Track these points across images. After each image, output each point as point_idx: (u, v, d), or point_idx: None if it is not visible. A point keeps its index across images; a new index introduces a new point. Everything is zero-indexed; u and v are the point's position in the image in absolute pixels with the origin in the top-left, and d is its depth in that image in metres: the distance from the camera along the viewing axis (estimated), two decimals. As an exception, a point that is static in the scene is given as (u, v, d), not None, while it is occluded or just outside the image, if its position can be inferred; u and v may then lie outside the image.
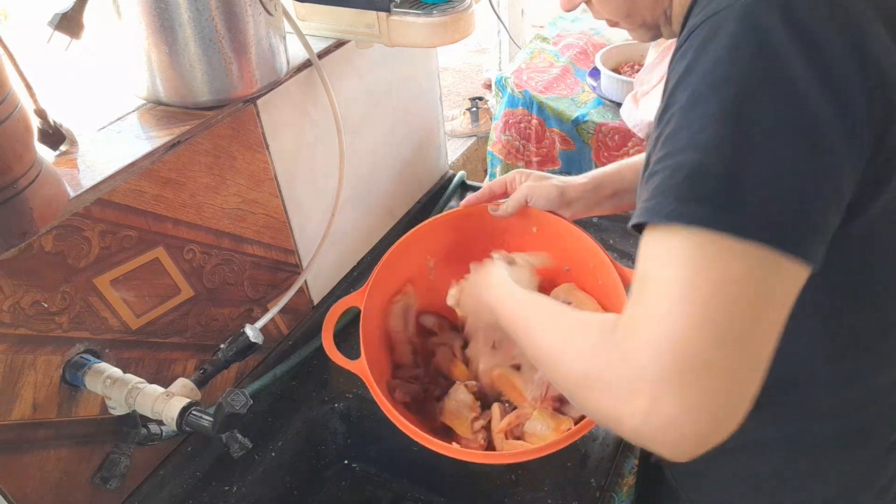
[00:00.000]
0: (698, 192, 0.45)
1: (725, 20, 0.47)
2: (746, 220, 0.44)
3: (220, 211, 0.87)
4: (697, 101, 0.47)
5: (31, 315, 0.69)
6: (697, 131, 0.46)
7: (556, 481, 0.87)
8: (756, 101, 0.45)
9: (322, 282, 1.13)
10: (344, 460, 1.05)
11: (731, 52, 0.46)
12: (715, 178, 0.45)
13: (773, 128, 0.45)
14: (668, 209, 0.46)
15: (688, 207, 0.45)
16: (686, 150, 0.46)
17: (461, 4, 0.93)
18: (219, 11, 0.76)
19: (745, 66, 0.46)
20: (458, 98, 3.32)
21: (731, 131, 0.45)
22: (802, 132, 0.45)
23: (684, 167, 0.46)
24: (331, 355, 0.87)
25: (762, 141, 0.45)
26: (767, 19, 0.46)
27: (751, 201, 0.44)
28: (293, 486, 0.98)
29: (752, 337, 0.44)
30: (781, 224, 0.44)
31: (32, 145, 0.57)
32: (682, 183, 0.46)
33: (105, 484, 0.78)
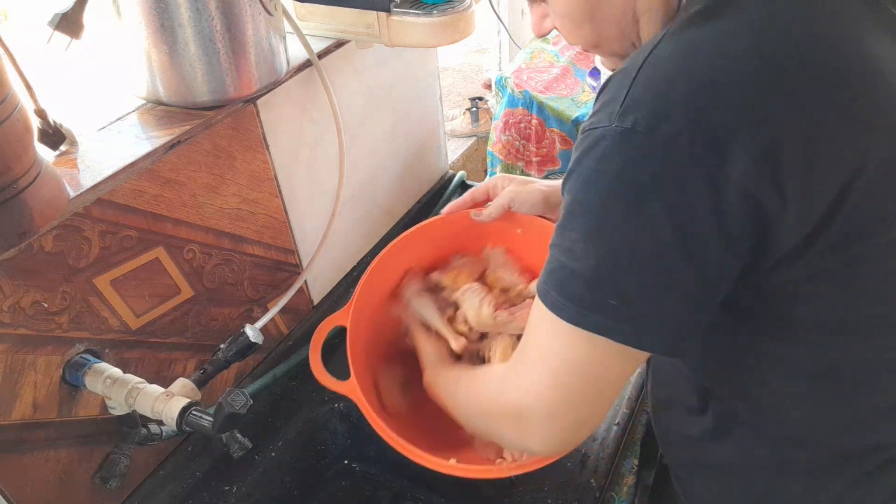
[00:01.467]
0: (572, 293, 0.56)
1: (599, 141, 0.53)
2: (600, 321, 0.55)
3: (220, 211, 0.87)
4: (573, 213, 0.56)
5: (31, 315, 0.69)
6: (573, 240, 0.56)
7: (555, 481, 0.87)
8: (609, 226, 0.54)
9: (322, 282, 1.13)
10: (344, 460, 1.05)
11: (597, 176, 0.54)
12: (582, 285, 0.56)
13: (621, 250, 0.54)
14: (551, 299, 0.58)
15: (563, 304, 0.57)
16: (565, 253, 0.57)
17: (461, 4, 0.92)
18: (218, 11, 0.76)
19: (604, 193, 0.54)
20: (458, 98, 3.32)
21: (594, 250, 0.55)
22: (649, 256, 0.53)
23: (564, 268, 0.57)
24: (319, 378, 0.87)
25: (617, 263, 0.54)
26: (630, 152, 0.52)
27: (607, 309, 0.55)
28: (293, 486, 0.98)
29: (589, 399, 0.60)
30: (628, 326, 0.55)
31: (32, 145, 0.57)
32: (561, 281, 0.57)
33: (105, 484, 0.78)
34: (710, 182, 0.50)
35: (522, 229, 0.96)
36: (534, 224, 0.94)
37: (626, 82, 0.53)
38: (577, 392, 0.59)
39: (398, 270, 0.98)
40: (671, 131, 0.50)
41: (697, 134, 0.50)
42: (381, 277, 0.95)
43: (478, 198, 0.97)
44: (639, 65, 0.53)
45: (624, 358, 0.58)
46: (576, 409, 0.60)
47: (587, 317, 0.55)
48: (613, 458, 0.90)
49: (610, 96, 0.54)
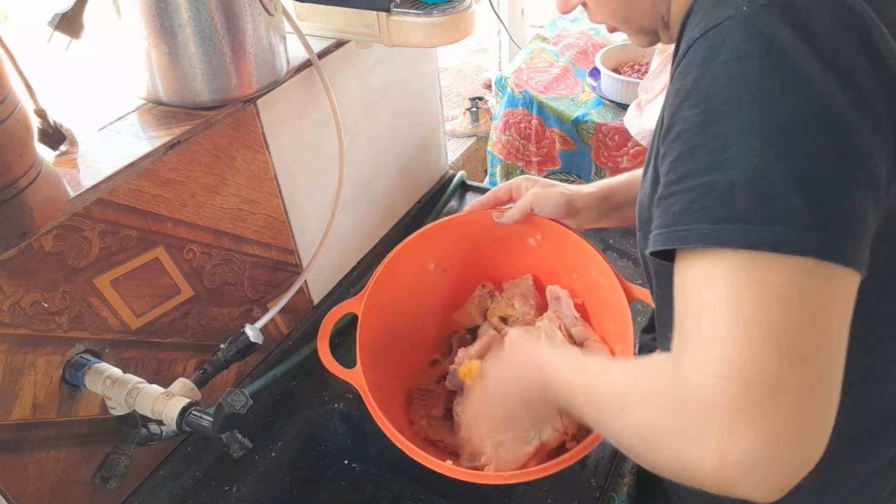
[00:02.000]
0: (733, 211, 0.43)
1: (730, 30, 0.46)
2: (788, 235, 0.42)
3: (220, 211, 0.87)
4: (712, 119, 0.46)
5: (31, 315, 0.69)
6: (720, 149, 0.45)
7: (555, 481, 0.87)
8: (776, 111, 0.44)
9: (322, 282, 1.13)
10: (344, 460, 1.05)
11: (742, 65, 0.45)
12: (748, 195, 0.43)
13: (798, 137, 0.43)
14: (703, 233, 0.44)
15: (725, 229, 0.43)
16: (710, 170, 0.45)
17: (461, 4, 0.92)
18: (218, 11, 0.76)
19: (758, 77, 0.44)
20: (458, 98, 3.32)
21: (756, 146, 0.43)
22: (829, 135, 0.43)
23: (713, 187, 0.44)
24: (326, 364, 0.86)
25: (790, 151, 0.43)
26: (772, 26, 0.45)
27: (789, 215, 0.42)
28: (293, 486, 0.98)
29: (819, 350, 0.42)
30: (824, 234, 0.42)
31: (32, 145, 0.57)
32: (713, 204, 0.44)
33: (105, 484, 0.78)
34: (864, 46, 0.45)
35: (542, 236, 0.96)
36: (554, 232, 0.93)
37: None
38: (792, 356, 0.40)
39: (414, 265, 0.98)
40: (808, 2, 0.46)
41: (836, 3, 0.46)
42: (397, 269, 0.94)
43: (500, 197, 0.96)
44: None
45: (831, 284, 0.42)
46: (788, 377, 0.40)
47: (770, 231, 0.42)
48: (613, 458, 0.90)
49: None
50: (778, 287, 0.42)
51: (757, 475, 0.40)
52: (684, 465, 0.43)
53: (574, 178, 1.82)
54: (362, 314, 0.88)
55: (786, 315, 0.41)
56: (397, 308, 0.97)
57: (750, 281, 0.42)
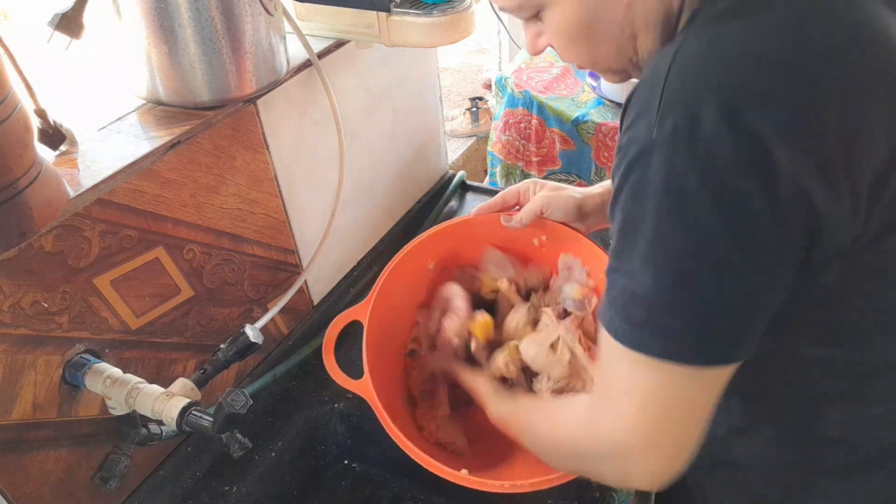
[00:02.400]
0: (633, 317, 0.54)
1: (640, 153, 0.52)
2: (665, 345, 0.53)
3: (219, 211, 0.87)
4: (626, 234, 0.54)
5: (31, 315, 0.69)
6: (630, 261, 0.54)
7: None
8: (667, 244, 0.52)
9: (322, 282, 1.13)
10: (344, 460, 1.05)
11: (647, 190, 0.52)
12: (643, 308, 0.54)
13: (680, 265, 0.52)
14: (615, 326, 0.56)
15: (628, 330, 0.55)
16: (623, 276, 0.55)
17: (461, 4, 0.92)
18: (218, 11, 0.76)
19: (657, 208, 0.51)
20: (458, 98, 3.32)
21: (650, 269, 0.53)
22: (709, 265, 0.51)
23: (624, 293, 0.55)
24: (333, 376, 0.85)
25: (673, 280, 0.52)
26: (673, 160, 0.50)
27: (669, 331, 0.53)
28: (293, 486, 0.98)
29: (682, 425, 0.57)
30: (694, 346, 0.53)
31: (32, 145, 0.57)
32: (623, 306, 0.55)
33: (105, 484, 0.78)
34: (760, 178, 0.49)
35: (550, 239, 0.95)
36: (563, 235, 0.92)
37: (657, 89, 0.52)
38: (669, 421, 0.56)
39: (419, 269, 0.97)
40: (713, 131, 0.48)
41: (740, 132, 0.48)
42: (402, 274, 0.93)
43: (509, 201, 0.95)
44: (666, 68, 0.52)
45: (703, 379, 0.55)
46: (671, 436, 0.57)
47: (653, 342, 0.54)
48: (613, 458, 0.90)
49: (641, 107, 0.53)
50: (659, 380, 0.55)
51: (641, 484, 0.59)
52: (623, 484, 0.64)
53: (574, 178, 1.82)
54: (368, 322, 0.86)
55: (670, 397, 0.55)
56: (401, 312, 0.96)
57: (647, 371, 0.55)
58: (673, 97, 0.51)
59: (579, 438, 0.63)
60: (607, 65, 0.66)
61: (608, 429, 0.58)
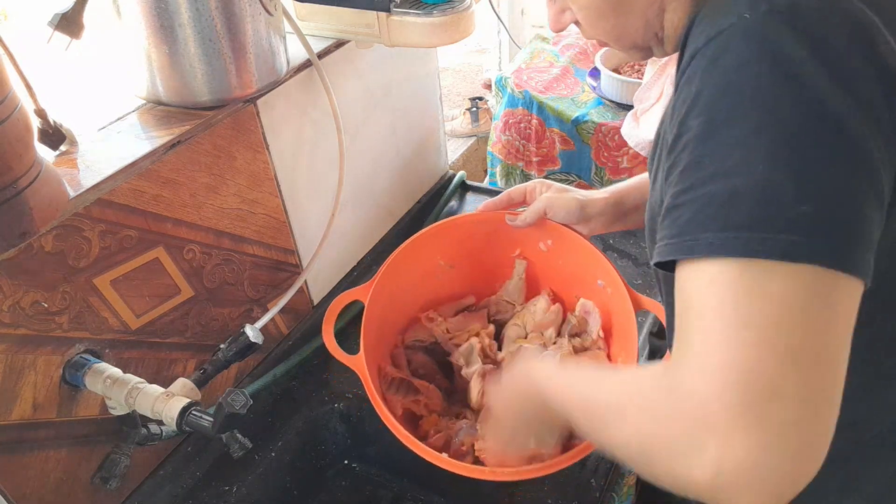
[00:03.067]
0: (737, 220, 0.43)
1: (732, 38, 0.46)
2: (793, 243, 0.41)
3: (219, 211, 0.87)
4: (717, 127, 0.45)
5: (31, 315, 0.69)
6: (723, 157, 0.44)
7: (556, 481, 0.87)
8: (780, 119, 0.43)
9: (322, 282, 1.13)
10: (344, 460, 1.05)
11: (744, 72, 0.45)
12: (752, 203, 0.43)
13: (802, 143, 0.43)
14: (707, 242, 0.44)
15: (729, 237, 0.43)
16: (715, 179, 0.45)
17: (461, 4, 0.93)
18: (218, 11, 0.76)
19: (761, 84, 0.44)
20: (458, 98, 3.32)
21: (760, 153, 0.43)
22: (834, 144, 0.43)
23: (717, 196, 0.44)
24: (330, 349, 0.86)
25: (794, 158, 0.43)
26: (776, 33, 0.45)
27: (793, 222, 0.42)
28: (293, 486, 0.98)
29: (821, 358, 0.41)
30: (829, 242, 0.42)
31: (32, 145, 0.57)
32: (717, 213, 0.44)
33: (105, 484, 0.78)
34: (870, 57, 0.45)
35: (553, 241, 0.96)
36: (565, 237, 0.93)
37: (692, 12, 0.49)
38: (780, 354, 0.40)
39: (423, 260, 0.98)
40: (815, 6, 0.46)
41: (841, 10, 0.46)
42: (406, 262, 0.94)
43: (515, 199, 0.95)
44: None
45: (835, 292, 0.42)
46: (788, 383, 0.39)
47: (774, 239, 0.41)
48: (614, 459, 0.90)
49: (721, 7, 0.48)
50: (779, 295, 0.41)
51: (752, 486, 0.39)
52: (680, 476, 0.42)
53: (574, 177, 1.82)
54: (369, 303, 0.88)
55: (786, 321, 0.41)
56: (403, 301, 0.97)
57: (755, 290, 0.42)
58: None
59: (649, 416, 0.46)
60: (633, 40, 0.64)
61: (694, 385, 0.42)
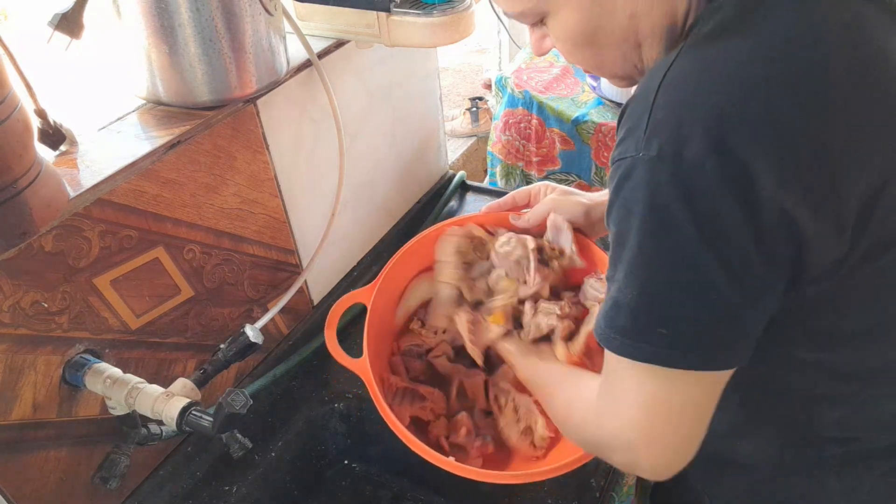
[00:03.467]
0: (617, 324, 0.57)
1: (632, 169, 0.53)
2: (651, 350, 0.55)
3: (219, 211, 0.87)
4: (617, 245, 0.57)
5: (31, 315, 0.69)
6: (616, 272, 0.57)
7: (556, 481, 0.87)
8: (648, 257, 0.54)
9: (322, 282, 1.13)
10: (344, 460, 1.05)
11: (633, 207, 0.54)
12: (625, 315, 0.56)
13: (658, 278, 0.55)
14: (601, 332, 0.59)
15: (612, 337, 0.58)
16: (613, 283, 0.58)
17: (461, 4, 0.93)
18: (218, 11, 0.76)
19: (642, 224, 0.53)
20: (458, 98, 3.32)
21: (634, 280, 0.55)
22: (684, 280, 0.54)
23: (612, 302, 0.58)
24: (333, 352, 0.86)
25: (650, 288, 0.55)
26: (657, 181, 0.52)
27: (650, 336, 0.55)
28: (293, 486, 0.98)
29: (683, 423, 0.58)
30: (690, 351, 0.55)
31: (32, 145, 0.57)
32: (608, 314, 0.58)
33: (105, 484, 0.78)
34: (743, 201, 0.50)
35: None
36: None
37: (646, 108, 0.53)
38: (670, 419, 0.58)
39: (426, 260, 0.97)
40: (697, 153, 0.50)
41: (723, 154, 0.50)
42: (409, 263, 0.94)
43: (519, 201, 0.96)
44: (655, 88, 0.53)
45: (699, 382, 0.57)
46: (673, 434, 0.59)
47: (638, 348, 0.56)
48: (613, 458, 0.90)
49: (632, 123, 0.55)
50: (655, 382, 0.57)
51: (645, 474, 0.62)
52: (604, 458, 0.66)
53: (574, 178, 1.82)
54: (371, 305, 0.88)
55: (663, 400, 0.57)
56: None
57: (640, 375, 0.57)
58: (660, 118, 0.52)
59: (589, 431, 0.66)
60: (612, 70, 0.67)
61: (613, 426, 0.61)
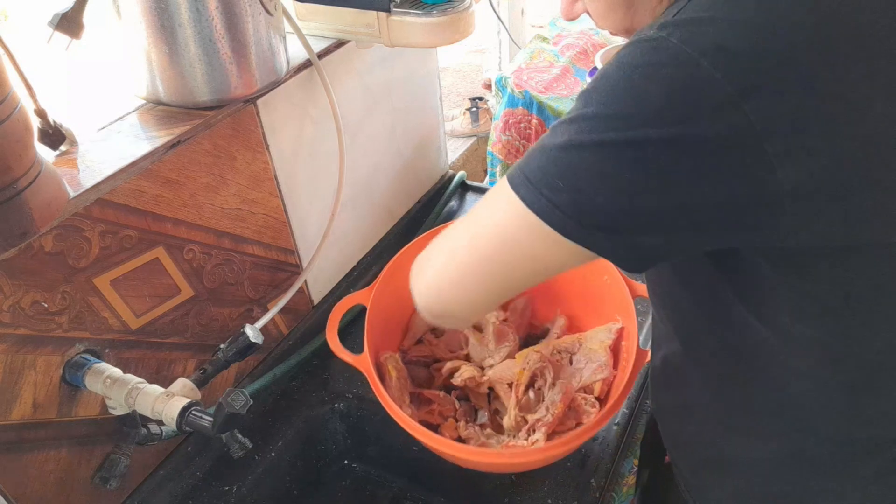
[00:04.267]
0: (529, 164, 0.56)
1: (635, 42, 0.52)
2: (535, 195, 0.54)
3: (220, 211, 0.87)
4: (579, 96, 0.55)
5: (31, 315, 0.69)
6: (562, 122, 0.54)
7: (555, 481, 0.87)
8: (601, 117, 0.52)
9: (322, 282, 1.13)
10: (344, 460, 1.05)
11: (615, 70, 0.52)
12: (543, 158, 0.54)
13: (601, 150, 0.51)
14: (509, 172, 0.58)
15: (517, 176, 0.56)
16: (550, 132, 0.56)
17: (461, 4, 0.93)
18: (218, 11, 0.76)
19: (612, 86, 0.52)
20: (458, 98, 3.32)
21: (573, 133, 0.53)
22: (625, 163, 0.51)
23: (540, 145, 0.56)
24: (335, 350, 0.88)
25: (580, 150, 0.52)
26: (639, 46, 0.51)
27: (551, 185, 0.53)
28: (293, 486, 0.98)
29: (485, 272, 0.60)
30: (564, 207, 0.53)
31: (32, 145, 0.57)
32: (529, 154, 0.57)
33: (105, 484, 0.78)
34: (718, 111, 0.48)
35: None
36: None
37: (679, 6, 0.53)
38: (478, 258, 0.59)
39: None
40: (701, 49, 0.48)
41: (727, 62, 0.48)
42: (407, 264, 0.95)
43: None
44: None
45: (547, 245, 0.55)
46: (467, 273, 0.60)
47: (526, 187, 0.54)
48: (613, 458, 0.90)
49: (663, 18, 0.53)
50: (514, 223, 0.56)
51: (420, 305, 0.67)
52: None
53: (574, 178, 1.82)
54: (371, 305, 0.90)
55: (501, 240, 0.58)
56: (404, 302, 0.97)
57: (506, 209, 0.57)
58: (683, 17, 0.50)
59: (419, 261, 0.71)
60: None
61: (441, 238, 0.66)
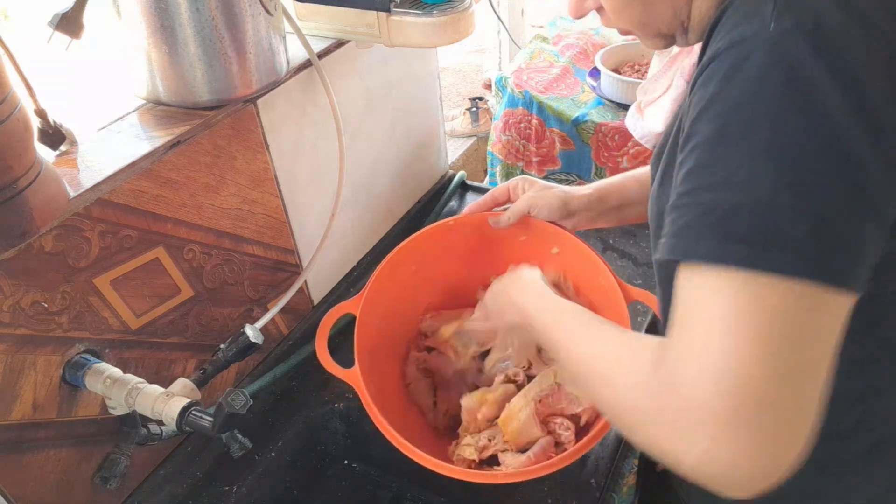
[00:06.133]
0: (737, 232, 0.45)
1: (754, 49, 0.46)
2: (786, 258, 0.43)
3: (219, 211, 0.87)
4: (726, 138, 0.46)
5: (31, 315, 0.69)
6: (730, 169, 0.46)
7: (555, 481, 0.87)
8: (791, 140, 0.44)
9: (322, 282, 1.13)
10: (344, 460, 1.05)
11: (762, 87, 0.45)
12: (753, 217, 0.45)
13: (808, 167, 0.44)
14: (706, 249, 0.46)
15: (729, 249, 0.45)
16: (718, 189, 0.46)
17: (461, 4, 0.93)
18: (218, 11, 0.76)
19: (776, 103, 0.45)
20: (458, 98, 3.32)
21: (767, 173, 0.44)
22: (839, 168, 0.44)
23: (719, 207, 0.46)
24: (324, 363, 0.86)
25: (798, 181, 0.44)
26: (798, 51, 0.45)
27: (790, 239, 0.44)
28: (293, 486, 0.98)
29: (808, 372, 0.44)
30: (823, 259, 0.44)
31: (32, 145, 0.57)
32: (718, 223, 0.46)
33: (105, 484, 0.78)
34: (892, 77, 0.45)
35: (539, 238, 0.96)
36: (550, 234, 0.93)
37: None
38: (776, 376, 0.43)
39: (412, 266, 0.98)
40: (841, 24, 0.45)
41: (869, 28, 0.45)
42: (395, 271, 0.94)
43: (498, 198, 0.96)
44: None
45: (827, 309, 0.44)
46: (786, 391, 0.43)
47: (769, 256, 0.43)
48: (613, 458, 0.90)
49: (746, 11, 0.48)
50: (774, 309, 0.44)
51: (731, 480, 0.44)
52: (665, 452, 0.47)
53: (574, 178, 1.82)
54: (360, 315, 0.88)
55: (780, 335, 0.44)
56: (395, 310, 0.97)
57: (749, 301, 0.44)
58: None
59: (642, 395, 0.49)
60: (658, 28, 0.64)
61: (686, 385, 0.45)
